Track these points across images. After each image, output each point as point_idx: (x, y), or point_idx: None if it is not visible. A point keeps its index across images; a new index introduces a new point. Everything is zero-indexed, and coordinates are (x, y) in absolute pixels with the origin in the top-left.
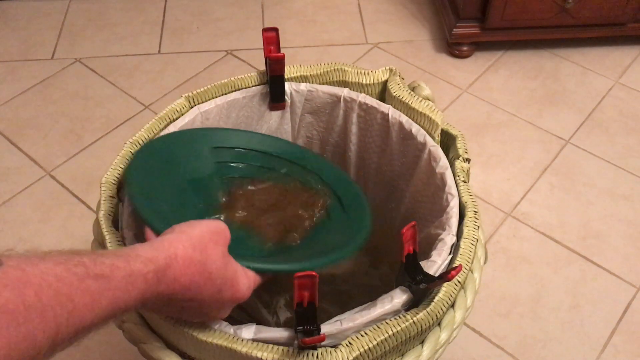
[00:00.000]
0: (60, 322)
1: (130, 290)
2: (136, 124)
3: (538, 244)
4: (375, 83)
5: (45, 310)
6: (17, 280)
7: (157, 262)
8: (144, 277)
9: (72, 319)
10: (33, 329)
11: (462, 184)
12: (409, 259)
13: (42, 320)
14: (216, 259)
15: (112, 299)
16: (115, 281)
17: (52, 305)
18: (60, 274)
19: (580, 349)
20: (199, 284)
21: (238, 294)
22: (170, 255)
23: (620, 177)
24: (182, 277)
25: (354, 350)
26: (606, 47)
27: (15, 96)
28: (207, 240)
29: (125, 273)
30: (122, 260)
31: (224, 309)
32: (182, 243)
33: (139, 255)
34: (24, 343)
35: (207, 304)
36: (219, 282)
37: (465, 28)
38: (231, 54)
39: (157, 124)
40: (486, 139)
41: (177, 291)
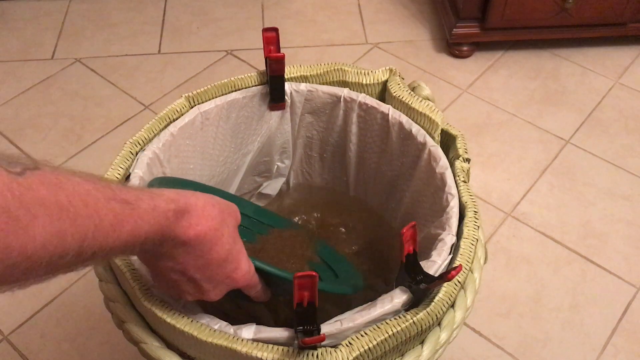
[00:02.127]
0: (87, 232)
1: (152, 223)
2: (136, 124)
3: (538, 244)
4: (375, 83)
5: (76, 216)
6: (53, 183)
7: (178, 203)
8: (165, 213)
9: (97, 233)
10: (64, 228)
11: (462, 184)
12: (409, 259)
13: (72, 224)
14: (230, 227)
15: (134, 226)
16: (138, 210)
17: (81, 214)
18: (90, 189)
19: (580, 349)
20: (211, 240)
21: (237, 272)
22: (191, 202)
23: (620, 177)
24: (198, 226)
25: (354, 350)
26: (606, 47)
27: (15, 96)
28: (224, 207)
29: (149, 206)
30: (147, 194)
31: (220, 286)
32: (203, 198)
33: (163, 194)
34: (55, 239)
35: (209, 270)
36: (226, 247)
37: (465, 28)
38: (231, 54)
39: (157, 124)
40: (486, 139)
41: (190, 240)
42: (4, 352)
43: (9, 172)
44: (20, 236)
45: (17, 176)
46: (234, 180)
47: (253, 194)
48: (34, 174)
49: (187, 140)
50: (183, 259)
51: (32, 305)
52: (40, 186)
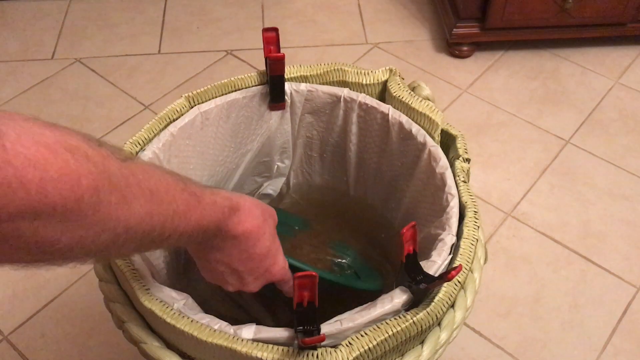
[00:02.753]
0: (167, 215)
1: (212, 215)
2: (136, 124)
3: (538, 244)
4: (375, 83)
5: (162, 201)
6: (146, 170)
7: (231, 201)
8: (222, 208)
9: (175, 217)
10: (153, 209)
11: (462, 184)
12: (409, 259)
13: (159, 206)
14: (270, 226)
15: (199, 216)
16: (203, 203)
17: (165, 200)
18: (170, 181)
19: (580, 349)
20: (255, 237)
21: (275, 267)
22: (240, 202)
23: (620, 177)
24: (245, 223)
25: (354, 350)
26: (606, 47)
27: (15, 96)
28: (265, 209)
29: (210, 200)
30: (209, 190)
31: (259, 279)
32: (250, 200)
33: (220, 192)
34: (148, 217)
35: (251, 263)
36: (267, 244)
37: (465, 28)
38: (231, 54)
39: (157, 124)
40: (486, 139)
41: (238, 235)
42: (4, 352)
43: (117, 158)
44: (125, 211)
45: (123, 162)
46: (234, 180)
47: (253, 194)
48: (133, 162)
49: (187, 140)
50: (230, 252)
51: (32, 305)
52: (138, 172)
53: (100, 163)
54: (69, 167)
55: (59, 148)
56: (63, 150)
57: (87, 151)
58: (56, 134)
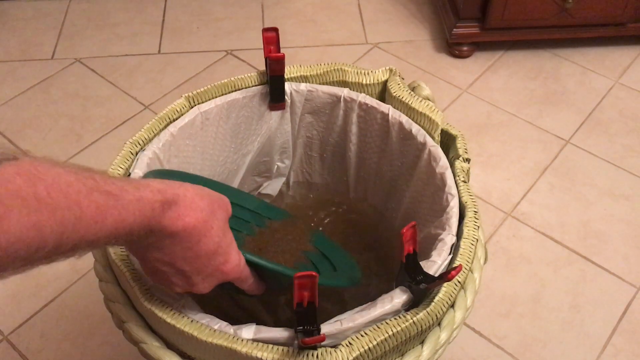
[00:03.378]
0: (67, 224)
1: (137, 214)
2: (136, 124)
3: (538, 244)
4: (375, 83)
5: (55, 208)
6: (31, 174)
7: (165, 194)
8: (151, 205)
9: (78, 225)
10: (42, 220)
11: (462, 184)
12: (409, 259)
13: (51, 216)
14: (219, 219)
15: (117, 218)
16: (122, 202)
17: (60, 206)
18: (71, 181)
19: (580, 349)
20: (200, 232)
21: (227, 265)
22: (179, 193)
23: (620, 177)
24: (187, 218)
25: (354, 350)
26: (606, 47)
27: (15, 96)
28: (214, 199)
29: (134, 197)
30: (132, 185)
31: (209, 278)
32: (192, 189)
33: (150, 185)
34: (32, 231)
35: (198, 263)
36: (216, 240)
37: (465, 28)
38: (231, 54)
39: (157, 124)
40: (486, 139)
41: (178, 232)
42: (4, 352)
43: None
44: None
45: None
46: (234, 180)
47: (253, 194)
48: (11, 164)
49: (187, 140)
50: (171, 251)
51: (32, 305)
52: (16, 177)
53: None
54: None
55: None
56: None
57: None
58: None
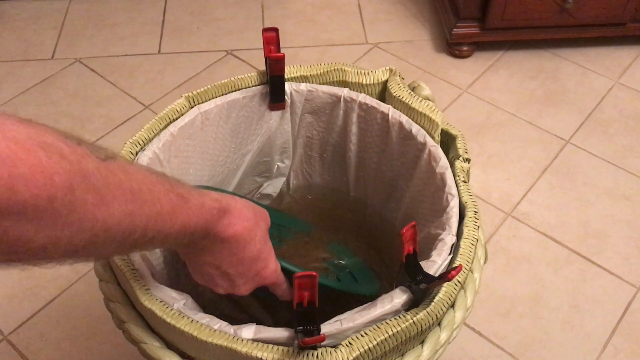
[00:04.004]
0: (150, 216)
1: (199, 217)
2: (136, 124)
3: (538, 244)
4: (375, 83)
5: (144, 201)
6: (127, 170)
7: (221, 203)
8: (210, 210)
9: (159, 219)
10: (134, 210)
11: (462, 184)
12: (409, 259)
13: (140, 207)
14: (262, 229)
15: (186, 218)
16: (190, 204)
17: (147, 201)
18: (154, 181)
19: (580, 349)
20: (246, 240)
21: (266, 270)
22: (231, 203)
23: (620, 177)
24: (235, 226)
25: (354, 350)
26: (606, 47)
27: (15, 96)
28: (257, 212)
29: (198, 202)
30: (197, 191)
31: (250, 282)
32: (240, 201)
33: (209, 193)
34: (127, 218)
35: (242, 266)
36: (258, 247)
37: (465, 28)
38: (231, 54)
39: (157, 124)
40: (486, 139)
41: (228, 238)
42: (4, 352)
43: (97, 157)
44: (103, 211)
45: (103, 161)
46: (234, 180)
47: (254, 195)
48: (114, 161)
49: (187, 140)
50: (220, 254)
51: (32, 305)
52: (119, 172)
53: (76, 161)
54: (40, 164)
55: (31, 144)
56: (35, 146)
57: (63, 149)
58: (30, 130)
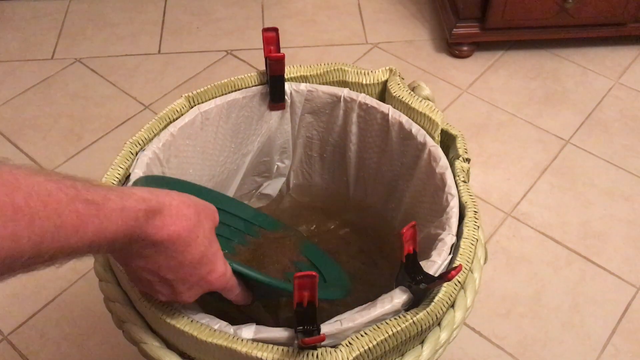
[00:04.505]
0: (45, 234)
1: (119, 223)
2: (136, 124)
3: (538, 244)
4: (375, 83)
5: (33, 218)
6: (8, 183)
7: (150, 203)
8: (135, 213)
9: (58, 235)
10: (19, 230)
11: (462, 184)
12: (409, 259)
13: (29, 225)
14: (206, 228)
15: (99, 227)
16: (105, 210)
17: (39, 216)
18: (51, 189)
19: (580, 349)
20: (185, 241)
21: (213, 274)
22: (165, 202)
23: (620, 177)
24: (172, 226)
25: (354, 350)
26: (606, 47)
27: (15, 96)
28: (201, 208)
29: (117, 206)
30: (116, 194)
31: (194, 288)
32: (178, 198)
33: (134, 193)
34: (7, 242)
35: (182, 272)
36: (201, 249)
37: (465, 28)
38: (231, 54)
39: (157, 124)
40: (486, 139)
41: (164, 240)
42: (4, 352)
43: None
44: None
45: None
46: (234, 180)
47: (253, 194)
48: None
49: (187, 140)
50: (155, 259)
51: (32, 305)
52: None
53: None
54: None
55: None
56: None
57: None
58: None
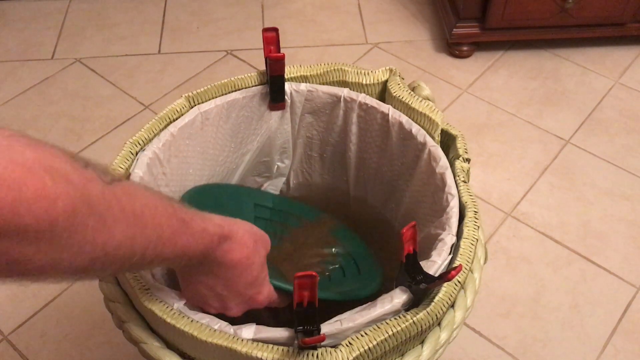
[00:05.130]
0: (150, 240)
1: (200, 242)
2: (136, 124)
3: (538, 244)
4: (375, 83)
5: (145, 225)
6: (132, 194)
7: (223, 229)
8: (212, 236)
9: (159, 243)
10: (135, 234)
11: (462, 184)
12: (409, 259)
13: (142, 232)
14: (260, 256)
15: (185, 243)
16: (192, 230)
17: (149, 225)
18: (157, 205)
19: (580, 349)
20: (243, 266)
21: (260, 296)
22: (234, 230)
23: (620, 177)
24: (235, 252)
25: (354, 350)
26: (606, 47)
27: (15, 96)
28: (258, 237)
29: (200, 228)
30: (199, 216)
31: (242, 305)
32: (243, 227)
33: (212, 219)
34: (128, 241)
35: (235, 290)
36: (254, 274)
37: (465, 28)
38: (231, 54)
39: (157, 124)
40: (486, 139)
41: (226, 263)
42: (4, 352)
43: (102, 181)
44: (104, 235)
45: (108, 185)
46: (234, 180)
47: None
48: (119, 184)
49: (187, 140)
50: (216, 277)
51: (32, 305)
52: (123, 195)
53: (81, 185)
54: (45, 189)
55: (37, 168)
56: (41, 170)
57: (69, 172)
58: (37, 153)
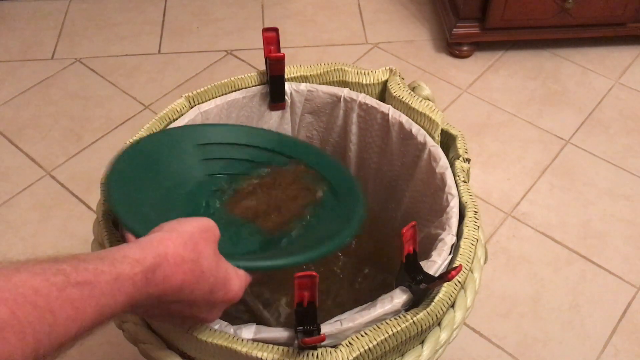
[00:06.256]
0: (40, 338)
1: (117, 295)
2: (136, 124)
3: (538, 244)
4: (375, 83)
5: (23, 327)
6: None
7: (145, 263)
8: (132, 279)
9: (54, 332)
10: (10, 349)
11: (462, 184)
12: (409, 259)
13: (20, 338)
14: (208, 257)
15: (97, 307)
16: (100, 287)
17: (30, 321)
18: (38, 285)
19: (580, 349)
20: (191, 283)
21: (230, 294)
22: (160, 253)
23: (620, 177)
24: (173, 277)
25: (354, 350)
26: (606, 47)
27: (15, 96)
28: (197, 237)
29: (111, 277)
30: (107, 263)
31: (215, 310)
32: (172, 241)
33: (126, 256)
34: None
35: (198, 305)
36: (211, 280)
37: (465, 28)
38: (231, 54)
39: (157, 124)
40: (486, 139)
41: (168, 292)
42: None
43: None
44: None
45: None
46: None
47: None
48: None
49: None
50: (166, 307)
51: None
52: None
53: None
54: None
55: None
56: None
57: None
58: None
